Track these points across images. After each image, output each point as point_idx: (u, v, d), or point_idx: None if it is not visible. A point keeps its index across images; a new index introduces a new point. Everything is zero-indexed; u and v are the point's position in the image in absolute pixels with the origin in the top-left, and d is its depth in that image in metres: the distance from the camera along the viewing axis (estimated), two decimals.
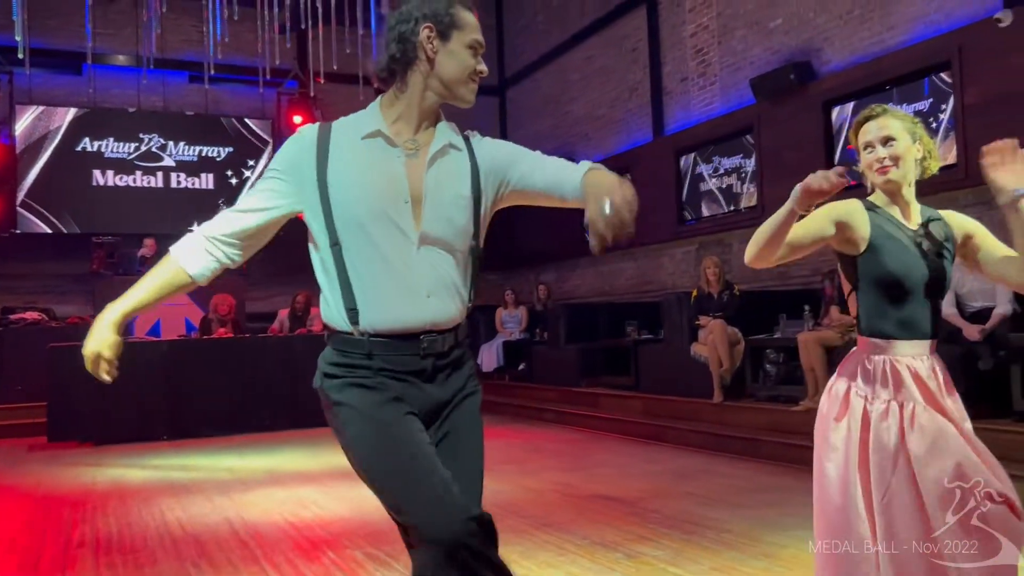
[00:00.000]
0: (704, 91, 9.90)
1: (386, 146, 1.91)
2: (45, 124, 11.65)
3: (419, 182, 1.90)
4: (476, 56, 1.95)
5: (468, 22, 1.94)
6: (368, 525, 4.61)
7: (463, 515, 1.78)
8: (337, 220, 1.87)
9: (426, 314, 1.89)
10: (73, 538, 4.59)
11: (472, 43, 1.94)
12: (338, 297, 1.90)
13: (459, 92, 1.95)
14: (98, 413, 8.47)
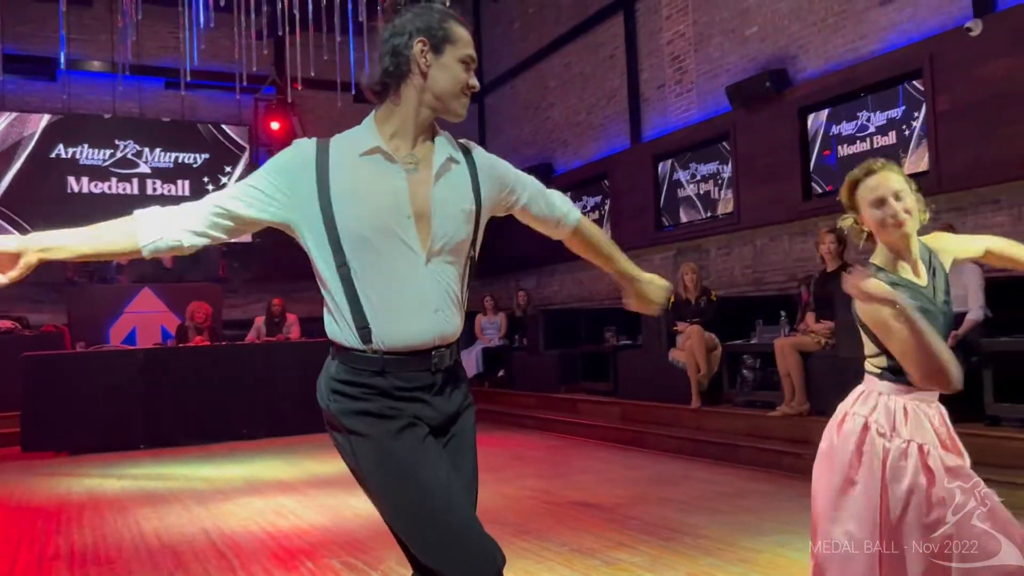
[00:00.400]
0: (681, 98, 9.97)
1: (385, 162, 1.89)
2: (19, 130, 11.53)
3: (423, 198, 1.89)
4: (468, 70, 1.96)
5: (461, 36, 1.95)
6: (346, 534, 4.60)
7: (491, 568, 1.80)
8: (344, 238, 1.85)
9: (436, 329, 1.89)
10: (47, 550, 4.54)
11: (465, 57, 1.95)
12: (347, 315, 1.87)
13: (452, 106, 1.96)
14: (73, 422, 8.39)
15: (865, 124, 7.61)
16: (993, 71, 6.50)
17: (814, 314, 6.72)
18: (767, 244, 8.79)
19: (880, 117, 7.48)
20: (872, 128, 7.55)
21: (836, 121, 7.92)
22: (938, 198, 7.00)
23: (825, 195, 8.04)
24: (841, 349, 6.23)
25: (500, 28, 13.88)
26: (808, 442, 6.15)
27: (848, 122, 7.79)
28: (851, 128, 7.75)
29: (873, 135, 7.55)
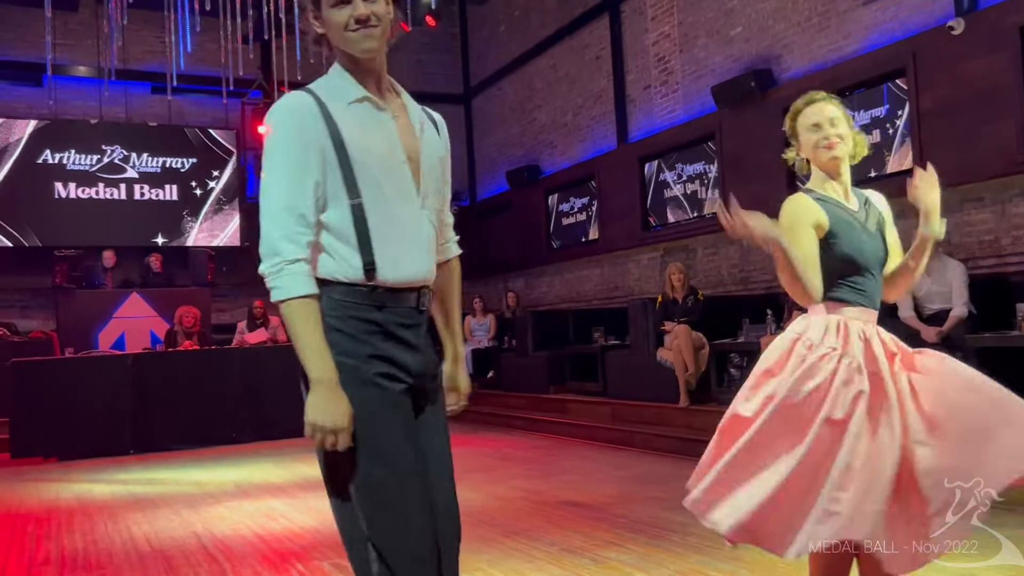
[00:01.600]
0: (667, 99, 10.02)
1: (375, 110, 1.97)
2: (5, 136, 11.48)
3: (412, 143, 2.00)
4: (346, 5, 1.92)
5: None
6: (336, 536, 4.59)
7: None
8: (357, 176, 1.90)
9: (428, 268, 2.01)
10: (37, 556, 4.54)
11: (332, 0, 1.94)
12: (354, 252, 1.91)
13: (351, 49, 1.96)
14: (62, 428, 8.37)
15: None
16: (976, 69, 6.56)
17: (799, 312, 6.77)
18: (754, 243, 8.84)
19: (864, 116, 7.54)
20: (857, 127, 7.60)
21: None
22: None
23: None
24: None
25: (486, 30, 13.91)
26: None
27: None
28: None
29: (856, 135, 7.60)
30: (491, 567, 3.85)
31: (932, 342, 5.70)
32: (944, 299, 5.97)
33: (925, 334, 5.78)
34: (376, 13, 1.93)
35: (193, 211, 12.44)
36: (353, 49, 1.95)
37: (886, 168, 7.36)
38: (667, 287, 8.06)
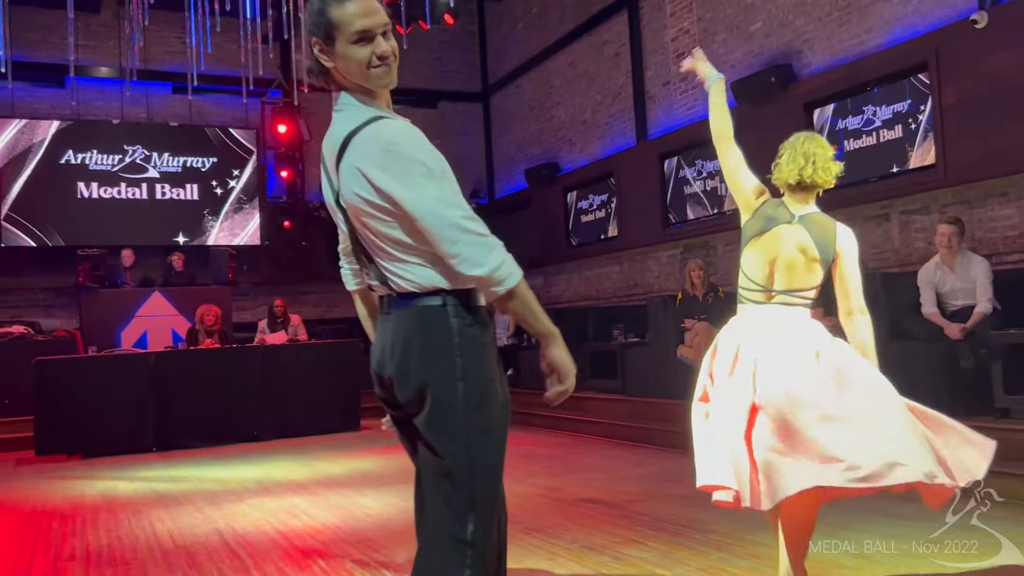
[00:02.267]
0: (686, 95, 9.97)
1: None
2: (28, 137, 11.60)
3: None
4: (368, 44, 1.95)
5: (343, 18, 1.94)
6: (358, 533, 4.63)
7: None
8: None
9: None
10: (63, 552, 4.59)
11: (355, 36, 1.94)
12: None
13: (371, 84, 1.99)
14: (86, 426, 8.45)
15: (871, 118, 7.61)
16: (999, 63, 6.49)
17: (821, 310, 6.71)
18: None
19: (886, 111, 7.47)
20: (878, 122, 7.55)
21: (842, 115, 7.91)
22: (945, 192, 7.01)
23: (832, 190, 8.02)
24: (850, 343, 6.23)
25: (504, 28, 13.91)
26: None
27: (854, 116, 7.78)
28: (857, 122, 7.75)
29: (879, 129, 7.54)
30: (512, 564, 3.83)
31: (956, 339, 5.64)
32: (968, 295, 5.91)
33: (949, 331, 5.72)
34: (393, 50, 1.99)
35: (214, 210, 12.53)
36: (375, 84, 1.99)
37: (908, 163, 7.30)
38: (687, 284, 8.02)
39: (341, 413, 9.54)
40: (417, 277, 1.96)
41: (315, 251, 13.04)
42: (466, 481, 1.92)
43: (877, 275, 6.27)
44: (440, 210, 1.90)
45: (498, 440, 1.97)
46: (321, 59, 1.99)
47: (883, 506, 4.40)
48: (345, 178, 1.96)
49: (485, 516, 1.93)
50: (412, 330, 1.95)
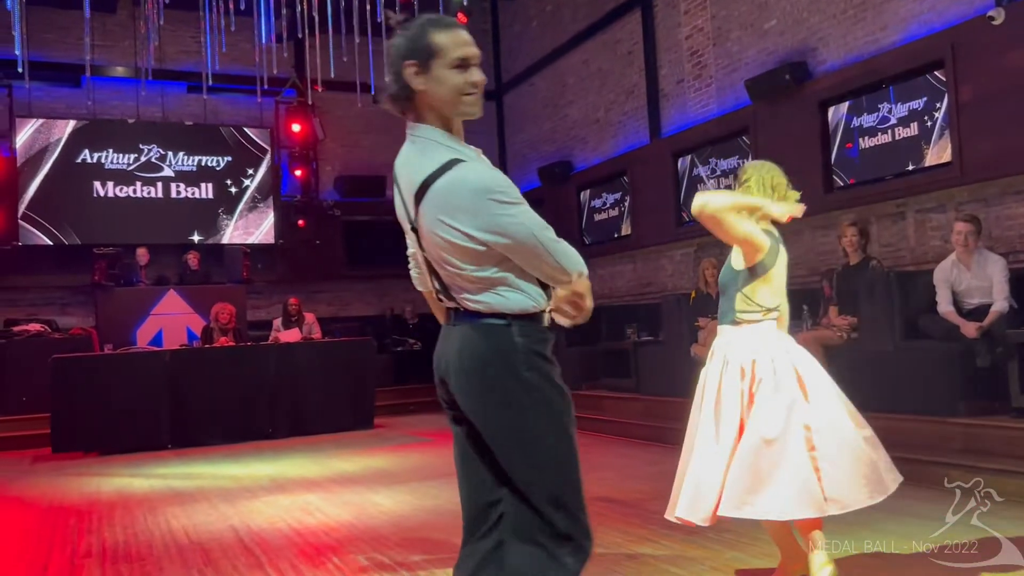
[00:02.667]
0: (700, 93, 9.94)
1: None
2: (45, 136, 11.69)
3: None
4: (465, 71, 2.03)
5: (445, 43, 2.01)
6: (372, 531, 4.64)
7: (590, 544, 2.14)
8: None
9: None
10: (79, 548, 4.63)
11: (455, 62, 2.01)
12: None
13: (460, 111, 2.07)
14: (101, 423, 8.51)
15: (887, 116, 7.57)
16: (1016, 60, 6.43)
17: (836, 308, 6.69)
18: (789, 238, 8.69)
19: (902, 108, 7.43)
20: (894, 120, 7.50)
21: (857, 113, 7.87)
22: (961, 190, 6.96)
23: (847, 188, 8.00)
24: (865, 343, 6.21)
25: (518, 26, 13.90)
26: None
27: (869, 114, 7.74)
28: (873, 120, 7.71)
29: (895, 127, 7.50)
30: None
31: (972, 337, 5.60)
32: (984, 294, 5.87)
33: (965, 329, 5.68)
34: (483, 81, 2.11)
35: (228, 209, 12.58)
36: (463, 111, 2.09)
37: (924, 161, 7.25)
38: (700, 282, 8.00)
39: (355, 411, 9.58)
40: (488, 301, 2.11)
41: (329, 250, 13.10)
42: (543, 482, 2.09)
43: (892, 274, 6.23)
44: (539, 233, 2.06)
45: (567, 439, 2.15)
46: (413, 81, 2.04)
47: (884, 505, 4.38)
48: (427, 220, 2.08)
49: (573, 505, 2.10)
50: (479, 344, 2.11)
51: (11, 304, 11.38)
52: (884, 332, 6.07)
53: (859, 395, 6.09)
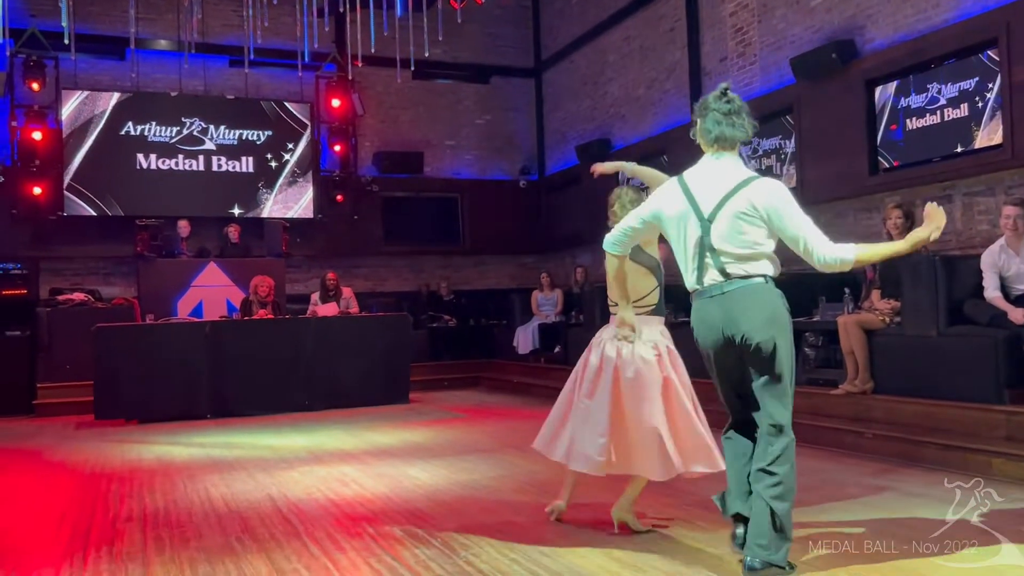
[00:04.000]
0: (743, 71, 9.79)
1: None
2: (90, 108, 11.84)
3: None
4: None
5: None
6: (408, 503, 4.68)
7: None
8: None
9: None
10: (121, 512, 4.72)
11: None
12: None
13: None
14: (143, 392, 8.67)
15: (936, 96, 7.39)
16: None
17: (879, 291, 6.58)
18: (832, 220, 8.61)
19: (952, 89, 7.25)
20: (943, 100, 7.33)
21: (905, 94, 7.70)
22: (1012, 172, 6.79)
23: (892, 170, 7.84)
24: (907, 327, 6.11)
25: (558, 3, 13.77)
26: (870, 420, 6.06)
27: (918, 94, 7.57)
28: (921, 101, 7.54)
29: (944, 107, 7.33)
30: (559, 538, 3.86)
31: (1020, 324, 5.48)
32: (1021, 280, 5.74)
33: (1012, 315, 5.56)
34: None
35: (268, 183, 12.68)
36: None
37: (974, 143, 7.08)
38: None
39: (390, 386, 9.65)
40: (754, 267, 3.34)
41: (366, 226, 13.16)
42: (788, 387, 3.31)
43: (937, 258, 6.11)
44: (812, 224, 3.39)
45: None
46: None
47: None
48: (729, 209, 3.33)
49: (791, 403, 3.32)
50: (759, 297, 3.33)
51: (56, 274, 11.60)
52: (928, 317, 5.96)
53: (900, 380, 6.04)
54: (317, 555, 3.73)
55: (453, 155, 14.05)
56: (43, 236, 11.57)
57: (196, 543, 4.00)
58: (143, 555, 3.82)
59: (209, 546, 3.94)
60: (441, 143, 13.96)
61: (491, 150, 14.27)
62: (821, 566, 3.22)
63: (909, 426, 5.77)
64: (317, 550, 3.81)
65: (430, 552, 3.71)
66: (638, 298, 3.92)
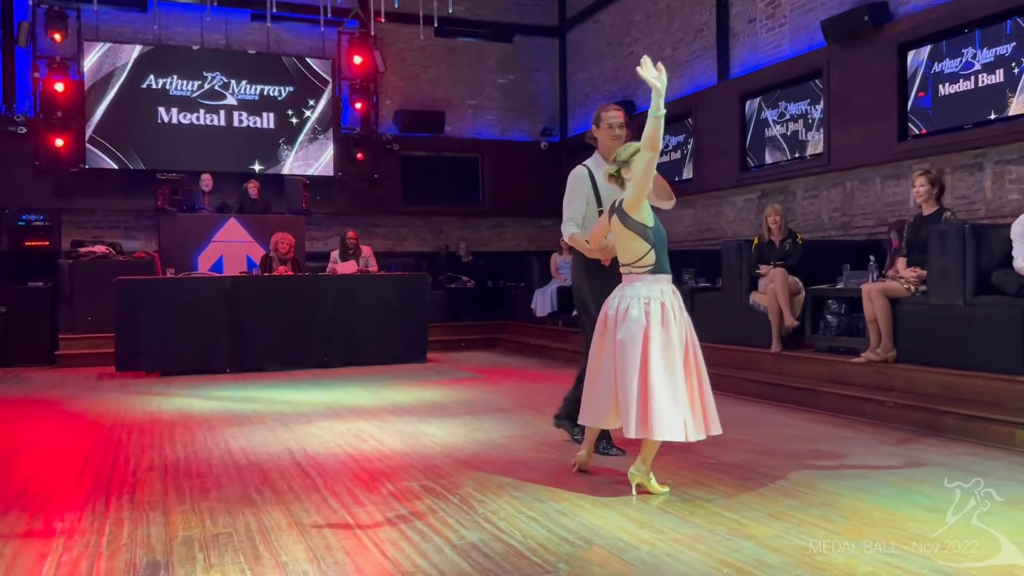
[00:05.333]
0: (772, 33, 9.61)
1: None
2: (112, 61, 11.80)
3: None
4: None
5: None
6: (425, 459, 4.70)
7: None
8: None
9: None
10: (142, 462, 4.76)
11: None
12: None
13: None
14: (163, 345, 8.73)
15: (970, 61, 7.23)
16: None
17: (904, 260, 6.49)
18: (857, 187, 8.50)
19: (987, 54, 7.08)
20: (978, 65, 7.17)
21: (938, 59, 7.53)
22: None
23: (921, 137, 7.70)
24: (933, 296, 6.03)
25: None
26: (892, 389, 6.01)
27: (952, 59, 7.40)
28: (955, 65, 7.37)
29: (979, 73, 7.17)
30: (576, 497, 3.86)
31: None
32: None
33: None
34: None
35: (289, 139, 12.64)
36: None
37: (1008, 110, 6.93)
38: (764, 229, 7.82)
39: (408, 345, 9.67)
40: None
41: (386, 185, 13.12)
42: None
43: (966, 226, 6.01)
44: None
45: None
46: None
47: (905, 473, 4.29)
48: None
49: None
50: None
51: (78, 226, 11.66)
52: (954, 286, 5.87)
53: (923, 349, 5.97)
54: (336, 508, 3.75)
55: (474, 115, 13.94)
56: (65, 188, 11.61)
57: (216, 493, 4.03)
58: (163, 504, 3.86)
59: (229, 496, 3.96)
60: (462, 102, 13.84)
61: (513, 110, 14.14)
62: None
63: (931, 396, 5.72)
64: (336, 503, 3.83)
65: (448, 508, 3.71)
66: (633, 260, 4.03)
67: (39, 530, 3.49)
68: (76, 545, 3.27)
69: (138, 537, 3.36)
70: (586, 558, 3.04)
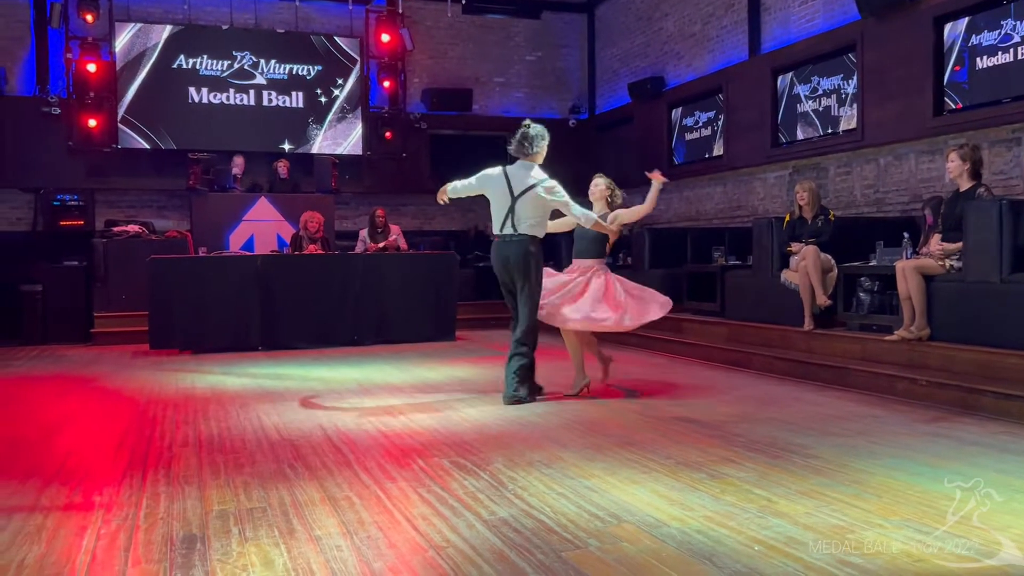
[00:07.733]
0: (805, 6, 9.46)
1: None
2: (143, 41, 11.89)
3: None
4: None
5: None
6: (455, 436, 4.73)
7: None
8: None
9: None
10: (177, 438, 4.84)
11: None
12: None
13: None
14: (195, 323, 8.84)
15: (1010, 33, 7.07)
16: None
17: (939, 236, 6.40)
18: (891, 163, 8.38)
19: None
20: (1016, 38, 7.02)
21: (976, 31, 7.38)
22: None
23: (957, 112, 7.57)
24: (968, 273, 5.94)
25: None
26: (925, 367, 5.95)
27: (990, 32, 7.25)
28: (993, 38, 7.22)
29: (1018, 45, 7.01)
30: (606, 474, 3.87)
31: None
32: None
33: None
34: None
35: (318, 119, 12.67)
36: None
37: None
38: (795, 206, 7.75)
39: (437, 323, 9.71)
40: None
41: (415, 163, 13.13)
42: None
43: (1003, 202, 5.90)
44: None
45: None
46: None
47: (938, 451, 4.23)
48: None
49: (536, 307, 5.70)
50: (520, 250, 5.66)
51: (111, 206, 11.80)
52: (990, 263, 5.79)
53: (958, 327, 5.90)
54: (368, 484, 3.79)
55: (502, 93, 13.89)
56: (98, 168, 11.75)
57: (250, 468, 4.09)
58: (199, 478, 3.92)
59: (262, 472, 4.02)
60: (490, 80, 13.80)
61: (541, 88, 14.07)
62: (865, 512, 3.16)
63: (966, 374, 5.66)
64: (368, 479, 3.87)
65: (479, 484, 3.74)
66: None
67: (79, 503, 3.57)
68: (114, 518, 3.33)
69: (174, 511, 3.42)
70: (616, 534, 3.06)
